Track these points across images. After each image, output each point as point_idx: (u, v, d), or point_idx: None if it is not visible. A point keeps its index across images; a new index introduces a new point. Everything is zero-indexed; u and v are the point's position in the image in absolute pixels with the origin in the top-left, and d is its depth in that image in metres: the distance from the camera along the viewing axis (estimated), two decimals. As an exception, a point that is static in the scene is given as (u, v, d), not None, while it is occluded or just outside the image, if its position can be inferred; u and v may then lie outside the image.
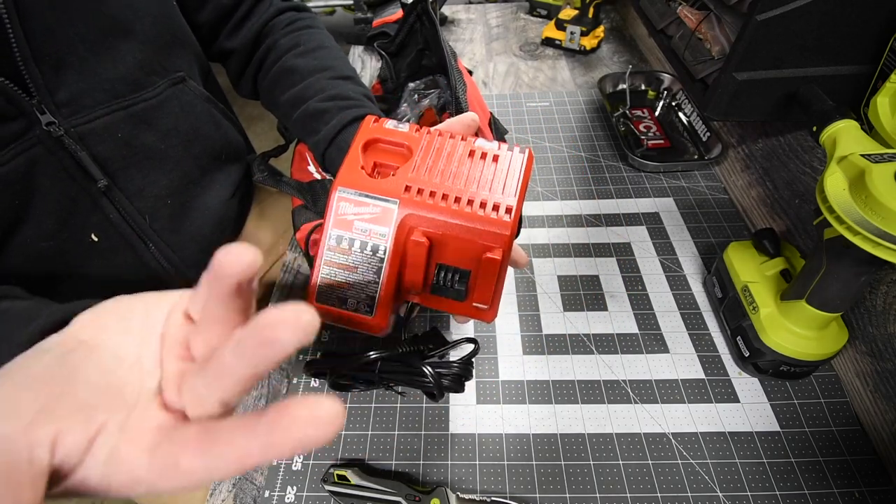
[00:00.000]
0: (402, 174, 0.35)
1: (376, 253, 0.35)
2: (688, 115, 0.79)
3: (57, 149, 0.43)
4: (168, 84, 0.50)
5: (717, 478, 0.44)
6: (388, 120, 0.37)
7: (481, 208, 0.33)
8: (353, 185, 0.35)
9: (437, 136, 0.36)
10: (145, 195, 0.50)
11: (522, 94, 0.88)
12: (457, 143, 0.36)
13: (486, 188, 0.34)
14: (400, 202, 0.34)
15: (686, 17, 0.62)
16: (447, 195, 0.34)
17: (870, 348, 0.46)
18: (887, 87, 0.39)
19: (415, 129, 0.36)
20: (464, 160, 0.35)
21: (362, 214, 0.35)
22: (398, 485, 0.42)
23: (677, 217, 0.65)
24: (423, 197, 0.34)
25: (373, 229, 0.35)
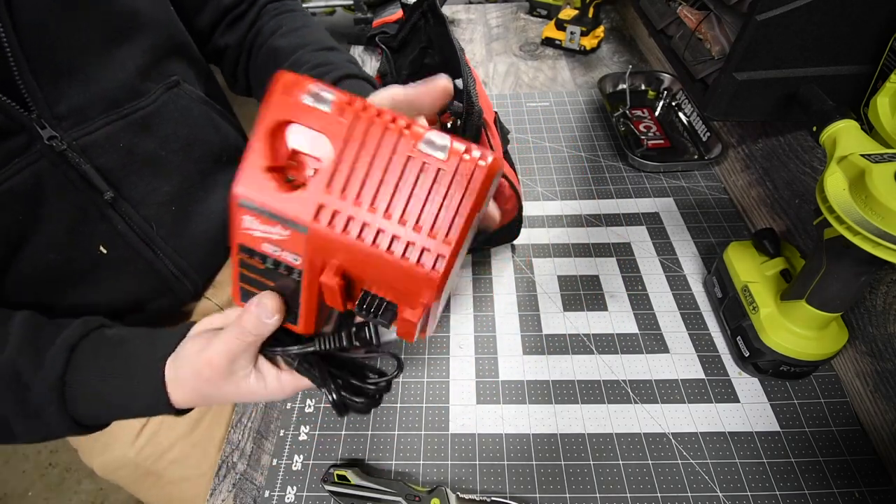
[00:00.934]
0: (315, 186, 0.27)
1: (291, 274, 0.30)
2: (688, 115, 0.79)
3: (60, 162, 0.42)
4: (163, 89, 0.50)
5: (717, 478, 0.44)
6: (309, 84, 0.27)
7: (404, 256, 0.26)
8: (256, 197, 0.27)
9: (371, 123, 0.26)
10: (149, 203, 0.50)
11: (522, 94, 0.88)
12: (396, 139, 0.26)
13: (418, 218, 0.26)
14: (309, 231, 0.27)
15: (686, 17, 0.62)
16: (367, 227, 0.27)
17: (870, 348, 0.46)
18: (887, 87, 0.39)
19: (341, 109, 0.26)
20: (396, 168, 0.26)
21: (271, 235, 0.29)
22: (398, 485, 0.42)
23: (677, 217, 0.65)
24: (335, 229, 0.27)
25: (284, 254, 0.29)
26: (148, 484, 0.58)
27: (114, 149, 0.46)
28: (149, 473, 0.57)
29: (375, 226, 0.26)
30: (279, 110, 0.27)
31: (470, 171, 0.26)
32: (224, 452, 0.48)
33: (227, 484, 0.46)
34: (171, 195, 0.51)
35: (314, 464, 0.46)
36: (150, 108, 0.48)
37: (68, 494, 1.26)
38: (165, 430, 0.56)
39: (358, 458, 0.46)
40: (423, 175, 0.26)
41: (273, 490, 0.45)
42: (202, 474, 0.56)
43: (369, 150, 0.26)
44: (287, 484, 0.45)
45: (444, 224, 0.26)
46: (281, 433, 0.49)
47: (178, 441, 0.57)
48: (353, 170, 0.27)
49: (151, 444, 0.56)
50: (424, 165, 0.26)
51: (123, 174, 0.47)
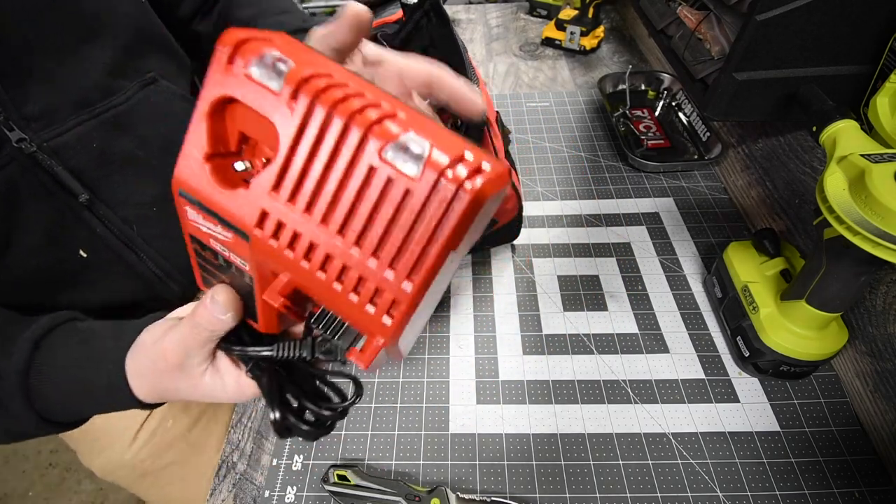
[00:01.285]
0: (259, 186, 0.21)
1: (243, 275, 0.26)
2: (688, 115, 0.79)
3: (32, 165, 0.41)
4: (138, 87, 0.48)
5: (717, 478, 0.44)
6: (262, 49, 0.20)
7: (356, 291, 0.21)
8: (194, 189, 0.23)
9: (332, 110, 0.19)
10: (130, 204, 0.48)
11: (522, 94, 0.88)
12: (359, 138, 0.19)
13: (378, 245, 0.20)
14: (252, 241, 0.22)
15: (686, 18, 0.62)
16: (315, 248, 0.21)
17: (870, 348, 0.46)
18: (887, 87, 0.39)
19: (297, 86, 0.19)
20: (358, 176, 0.20)
21: (216, 234, 0.24)
22: (398, 485, 0.42)
23: (677, 217, 0.65)
24: (280, 242, 0.22)
25: (233, 257, 0.25)
26: (147, 484, 0.58)
27: (86, 150, 0.44)
28: (147, 474, 0.57)
29: (325, 248, 0.21)
30: (221, 83, 0.21)
31: (449, 197, 0.19)
32: (224, 452, 0.48)
33: (227, 484, 0.46)
34: (153, 196, 0.50)
35: (314, 464, 0.46)
36: (124, 106, 0.47)
37: (68, 494, 1.26)
38: (162, 431, 0.56)
39: (358, 458, 0.46)
40: (389, 190, 0.19)
41: (273, 490, 0.45)
42: (201, 475, 0.56)
43: (326, 147, 0.20)
44: (287, 484, 0.45)
45: (409, 259, 0.20)
46: (281, 433, 0.49)
47: (175, 442, 0.56)
48: (306, 171, 0.20)
49: (149, 445, 0.56)
50: (390, 180, 0.19)
51: (99, 176, 0.46)
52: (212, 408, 0.59)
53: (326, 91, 0.19)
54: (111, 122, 0.46)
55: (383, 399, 0.50)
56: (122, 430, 0.55)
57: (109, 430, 0.55)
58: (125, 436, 0.55)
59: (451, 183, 0.18)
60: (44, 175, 0.42)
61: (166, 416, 0.57)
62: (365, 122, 0.19)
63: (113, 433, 0.55)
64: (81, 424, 0.41)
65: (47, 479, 1.29)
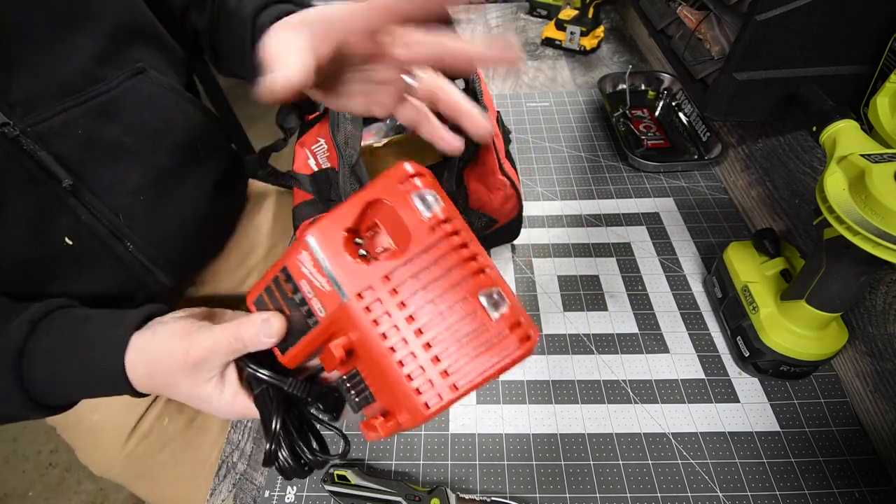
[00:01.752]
0: (375, 269, 0.28)
1: (309, 317, 0.31)
2: (688, 115, 0.79)
3: (15, 151, 0.41)
4: (126, 76, 0.48)
5: (717, 478, 0.44)
6: (424, 188, 0.29)
7: (408, 377, 0.27)
8: (325, 245, 0.29)
9: (451, 250, 0.28)
10: (117, 192, 0.48)
11: (522, 94, 0.88)
12: (463, 277, 0.27)
13: (443, 352, 0.27)
14: (347, 301, 0.28)
15: (686, 18, 0.62)
16: (395, 330, 0.27)
17: (870, 348, 0.46)
18: (887, 87, 0.39)
19: (436, 222, 0.28)
20: (450, 300, 0.27)
21: (314, 280, 0.30)
22: (398, 485, 0.42)
23: (677, 217, 0.65)
24: (369, 315, 0.27)
25: (314, 302, 0.30)
26: (143, 483, 0.58)
27: (72, 136, 0.44)
28: (143, 473, 0.57)
29: (402, 334, 0.27)
30: (387, 192, 0.29)
31: (510, 347, 0.27)
32: (224, 452, 0.48)
33: (227, 484, 0.46)
34: (140, 185, 0.49)
35: (314, 464, 0.46)
36: (111, 94, 0.47)
37: (68, 494, 1.26)
38: (158, 430, 0.56)
39: (358, 458, 0.46)
40: (468, 319, 0.27)
41: (273, 490, 0.45)
42: (197, 473, 0.56)
43: (437, 271, 0.27)
44: (287, 484, 0.45)
45: (462, 374, 0.27)
46: (281, 433, 0.49)
47: (170, 441, 0.56)
48: (415, 277, 0.27)
49: (144, 443, 0.55)
50: (475, 313, 0.27)
51: (85, 162, 0.46)
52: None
53: (452, 235, 0.28)
54: (97, 108, 0.46)
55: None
56: (118, 428, 0.55)
57: (105, 428, 0.55)
58: (121, 433, 0.55)
59: (515, 338, 0.27)
60: (27, 160, 0.42)
61: (162, 415, 0.57)
62: (471, 267, 0.27)
63: (108, 431, 0.55)
64: (67, 410, 0.41)
65: (47, 479, 1.29)
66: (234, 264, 0.67)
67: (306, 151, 0.60)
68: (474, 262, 0.28)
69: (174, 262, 0.54)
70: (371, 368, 0.30)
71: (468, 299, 0.28)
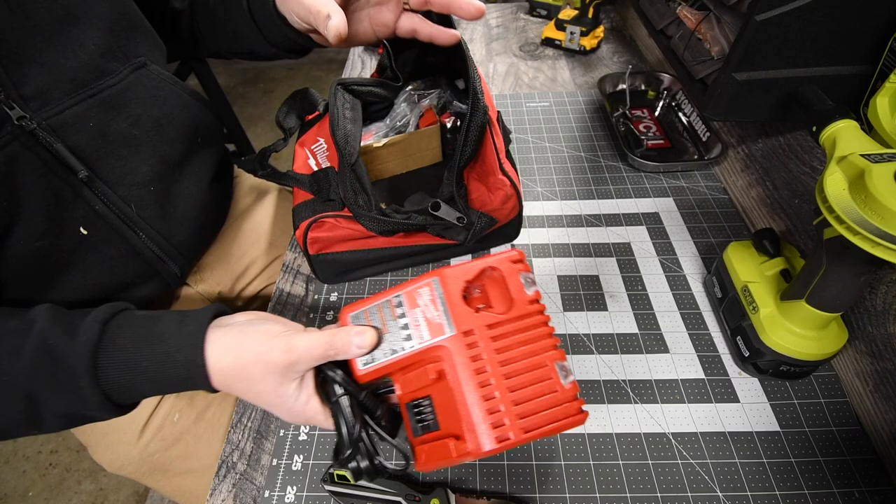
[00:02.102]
0: (483, 319, 0.36)
1: (407, 340, 0.37)
2: (688, 115, 0.79)
3: (32, 143, 0.42)
4: (130, 69, 0.50)
5: (717, 478, 0.44)
6: (530, 273, 0.39)
7: (489, 413, 0.33)
8: (446, 287, 0.37)
9: (540, 325, 0.36)
10: (127, 183, 0.50)
11: (522, 94, 0.88)
12: (546, 347, 0.36)
13: (515, 402, 0.33)
14: (453, 335, 0.35)
15: (686, 18, 0.62)
16: (485, 372, 0.34)
17: (870, 348, 0.46)
18: (887, 87, 0.39)
19: (534, 300, 0.37)
20: (534, 362, 0.35)
21: (427, 311, 0.37)
22: (398, 485, 0.42)
23: (677, 217, 0.65)
24: (469, 352, 0.34)
25: (422, 328, 0.36)
26: (156, 477, 0.59)
27: (85, 128, 0.46)
28: (155, 468, 0.58)
29: (492, 374, 0.34)
30: (503, 266, 0.38)
31: (573, 412, 0.34)
32: (224, 452, 0.48)
33: (227, 484, 0.46)
34: (148, 176, 0.51)
35: (314, 464, 0.46)
36: (118, 87, 0.48)
37: (68, 494, 1.26)
38: (169, 425, 0.57)
39: (358, 458, 0.46)
40: (546, 380, 0.35)
41: (273, 490, 0.45)
42: (208, 466, 0.57)
43: (528, 335, 0.36)
44: (287, 484, 0.45)
45: (532, 421, 0.33)
46: (281, 433, 0.49)
47: (182, 436, 0.57)
48: (512, 334, 0.36)
49: (157, 439, 0.56)
50: (551, 377, 0.35)
51: (98, 154, 0.47)
52: (217, 401, 0.60)
53: (541, 313, 0.37)
54: (107, 101, 0.47)
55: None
56: (129, 425, 0.56)
57: (117, 426, 0.56)
58: (132, 430, 0.56)
59: (576, 405, 0.35)
60: (44, 152, 0.43)
61: (172, 411, 0.57)
62: (552, 341, 0.36)
63: (120, 428, 0.56)
64: (134, 409, 0.41)
65: (47, 479, 1.29)
66: (235, 259, 0.69)
67: (306, 151, 0.60)
68: (554, 339, 0.36)
69: (182, 250, 0.56)
70: (449, 398, 0.35)
71: (548, 365, 0.35)
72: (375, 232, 0.49)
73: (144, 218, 0.51)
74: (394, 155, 0.62)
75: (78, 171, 0.45)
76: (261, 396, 0.37)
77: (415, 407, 0.37)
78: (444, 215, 0.48)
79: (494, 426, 0.32)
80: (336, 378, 0.37)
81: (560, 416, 0.34)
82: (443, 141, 0.66)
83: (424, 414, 0.36)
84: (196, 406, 0.59)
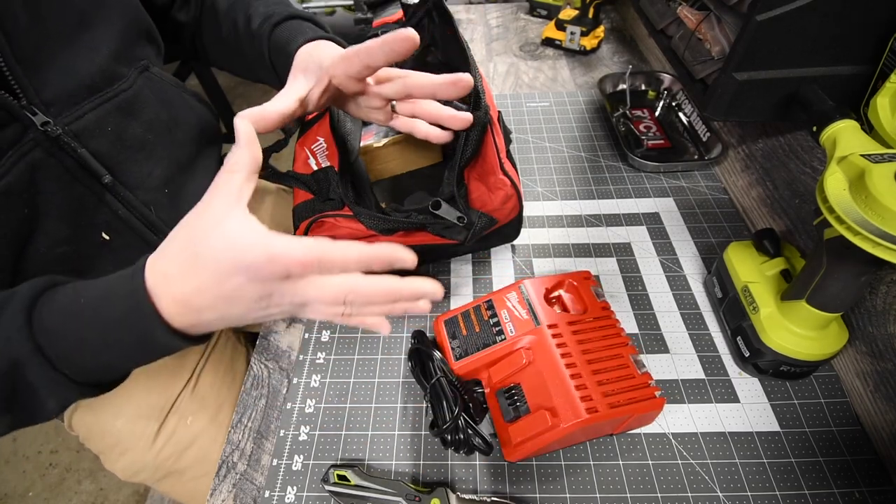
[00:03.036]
0: (564, 318, 0.44)
1: (498, 335, 0.45)
2: (688, 115, 0.79)
3: (55, 149, 0.42)
4: (136, 73, 0.50)
5: (717, 478, 0.44)
6: (593, 285, 0.49)
7: (578, 389, 0.40)
8: (532, 291, 0.47)
9: (611, 325, 0.45)
10: (146, 187, 0.50)
11: (522, 94, 0.88)
12: (623, 341, 0.44)
13: (599, 382, 0.40)
14: (539, 327, 0.44)
15: (686, 18, 0.62)
16: (568, 356, 0.41)
17: (870, 348, 0.46)
18: (887, 88, 0.39)
19: (606, 306, 0.47)
20: (615, 355, 0.42)
21: (514, 311, 0.46)
22: (398, 485, 0.42)
23: (677, 217, 0.65)
24: (554, 341, 0.42)
25: (511, 324, 0.45)
26: (171, 482, 0.59)
27: (103, 133, 0.46)
28: (170, 473, 0.58)
29: (577, 360, 0.41)
30: (577, 279, 0.49)
31: (647, 394, 0.41)
32: (224, 452, 0.48)
33: (227, 484, 0.46)
34: (163, 179, 0.52)
35: (314, 464, 0.46)
36: (130, 91, 0.49)
37: (68, 494, 1.26)
38: (182, 429, 0.57)
39: (358, 458, 0.46)
40: (624, 368, 0.42)
41: (273, 490, 0.45)
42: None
43: (604, 332, 0.44)
44: (287, 484, 0.45)
45: (615, 400, 0.40)
46: (281, 433, 0.49)
47: (197, 438, 0.57)
48: (591, 331, 0.44)
49: (170, 444, 0.56)
50: (628, 367, 0.42)
51: (117, 159, 0.47)
52: (229, 402, 0.60)
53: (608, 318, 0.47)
54: (122, 107, 0.48)
55: (383, 399, 0.50)
56: (144, 431, 0.56)
57: (132, 432, 0.56)
58: (146, 436, 0.55)
59: (651, 390, 0.41)
60: (67, 159, 0.43)
61: (185, 415, 0.57)
62: (625, 339, 0.45)
63: (135, 435, 0.56)
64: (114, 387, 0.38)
65: (47, 479, 1.29)
66: None
67: (306, 151, 0.60)
68: (626, 337, 0.44)
69: None
70: (539, 381, 0.41)
71: (623, 356, 0.42)
72: (375, 230, 0.49)
73: (163, 220, 0.52)
74: (394, 155, 0.62)
75: (102, 176, 0.45)
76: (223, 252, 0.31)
77: (505, 393, 0.43)
78: (445, 214, 0.48)
79: (584, 399, 0.39)
80: (436, 360, 0.45)
81: (638, 398, 0.40)
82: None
83: (516, 398, 0.42)
84: (208, 408, 0.59)
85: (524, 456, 0.42)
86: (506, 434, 0.42)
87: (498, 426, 0.44)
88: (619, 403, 0.39)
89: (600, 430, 0.43)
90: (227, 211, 0.31)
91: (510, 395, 0.43)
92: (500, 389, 0.44)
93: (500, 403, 0.43)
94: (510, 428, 0.42)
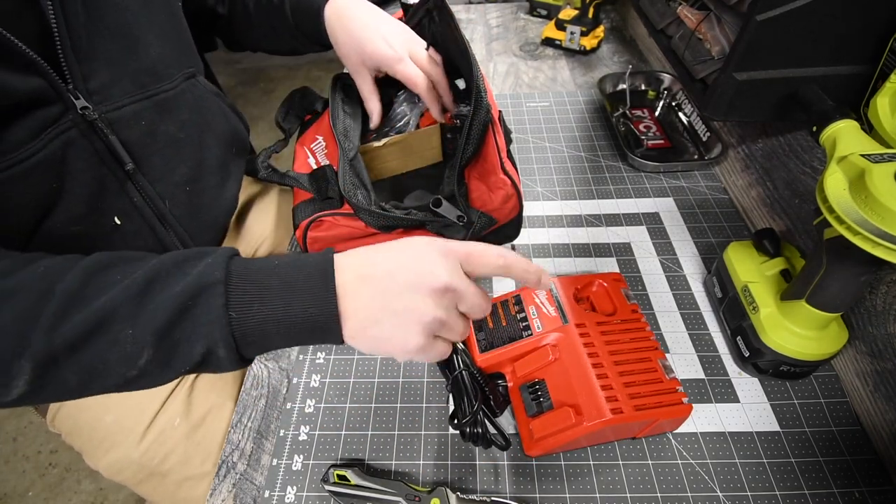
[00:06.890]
0: (592, 318, 0.44)
1: (525, 330, 0.45)
2: (688, 115, 0.79)
3: (90, 132, 0.46)
4: (183, 78, 0.54)
5: (717, 478, 0.44)
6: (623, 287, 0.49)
7: (603, 389, 0.39)
8: (561, 290, 0.47)
9: (640, 327, 0.45)
10: (166, 181, 0.53)
11: (522, 94, 0.88)
12: (651, 345, 0.44)
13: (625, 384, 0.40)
14: (567, 325, 0.44)
15: (686, 17, 0.62)
16: (595, 356, 0.41)
17: (870, 348, 0.46)
18: (887, 87, 0.39)
19: (635, 308, 0.47)
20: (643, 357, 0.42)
21: (542, 307, 0.46)
22: (398, 485, 0.42)
23: (677, 217, 0.65)
24: (581, 340, 0.42)
25: (538, 321, 0.45)
26: (153, 484, 0.58)
27: (137, 125, 0.49)
28: (153, 474, 0.57)
29: (604, 360, 0.41)
30: (607, 280, 0.49)
31: (674, 400, 0.41)
32: (224, 452, 0.48)
33: (227, 484, 0.46)
34: (186, 176, 0.55)
35: (314, 464, 0.46)
36: (172, 92, 0.53)
37: (68, 494, 1.26)
38: (170, 430, 0.56)
39: (358, 458, 0.46)
40: (651, 371, 0.42)
41: (273, 490, 0.45)
42: (205, 473, 0.56)
43: (632, 334, 0.44)
44: (287, 484, 0.45)
45: (641, 402, 0.39)
46: (281, 433, 0.49)
47: (181, 441, 0.57)
48: (619, 332, 0.44)
49: (156, 444, 0.56)
50: (655, 370, 0.42)
51: (145, 151, 0.50)
52: (216, 407, 0.59)
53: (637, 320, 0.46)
54: (161, 104, 0.52)
55: (383, 399, 0.50)
56: (131, 429, 0.56)
57: (121, 428, 0.56)
58: (133, 434, 0.55)
59: (677, 396, 0.41)
60: (98, 142, 0.46)
61: (174, 416, 0.57)
62: (654, 343, 0.44)
63: (123, 431, 0.56)
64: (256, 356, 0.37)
65: (47, 479, 1.29)
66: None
67: (306, 150, 0.61)
68: (654, 341, 0.44)
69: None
70: (564, 379, 0.41)
71: (652, 360, 0.42)
72: (374, 227, 0.49)
73: (176, 216, 0.54)
74: (394, 155, 0.62)
75: (125, 163, 0.48)
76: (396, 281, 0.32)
77: (529, 388, 0.43)
78: (445, 212, 0.48)
79: (609, 399, 0.38)
80: (459, 351, 0.44)
81: (665, 402, 0.39)
82: (442, 141, 0.66)
83: (539, 394, 0.42)
84: (196, 413, 0.58)
85: (545, 451, 0.42)
86: (527, 428, 0.42)
87: (520, 420, 0.44)
88: (644, 406, 0.39)
89: (624, 431, 0.43)
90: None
91: (534, 390, 0.43)
92: (524, 384, 0.44)
93: (523, 398, 0.43)
94: (532, 423, 0.42)
